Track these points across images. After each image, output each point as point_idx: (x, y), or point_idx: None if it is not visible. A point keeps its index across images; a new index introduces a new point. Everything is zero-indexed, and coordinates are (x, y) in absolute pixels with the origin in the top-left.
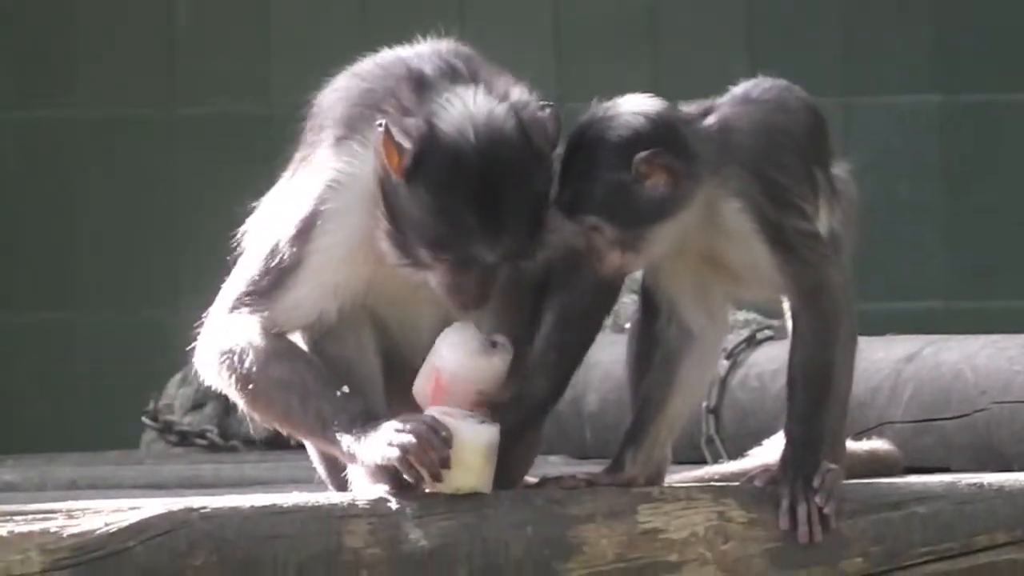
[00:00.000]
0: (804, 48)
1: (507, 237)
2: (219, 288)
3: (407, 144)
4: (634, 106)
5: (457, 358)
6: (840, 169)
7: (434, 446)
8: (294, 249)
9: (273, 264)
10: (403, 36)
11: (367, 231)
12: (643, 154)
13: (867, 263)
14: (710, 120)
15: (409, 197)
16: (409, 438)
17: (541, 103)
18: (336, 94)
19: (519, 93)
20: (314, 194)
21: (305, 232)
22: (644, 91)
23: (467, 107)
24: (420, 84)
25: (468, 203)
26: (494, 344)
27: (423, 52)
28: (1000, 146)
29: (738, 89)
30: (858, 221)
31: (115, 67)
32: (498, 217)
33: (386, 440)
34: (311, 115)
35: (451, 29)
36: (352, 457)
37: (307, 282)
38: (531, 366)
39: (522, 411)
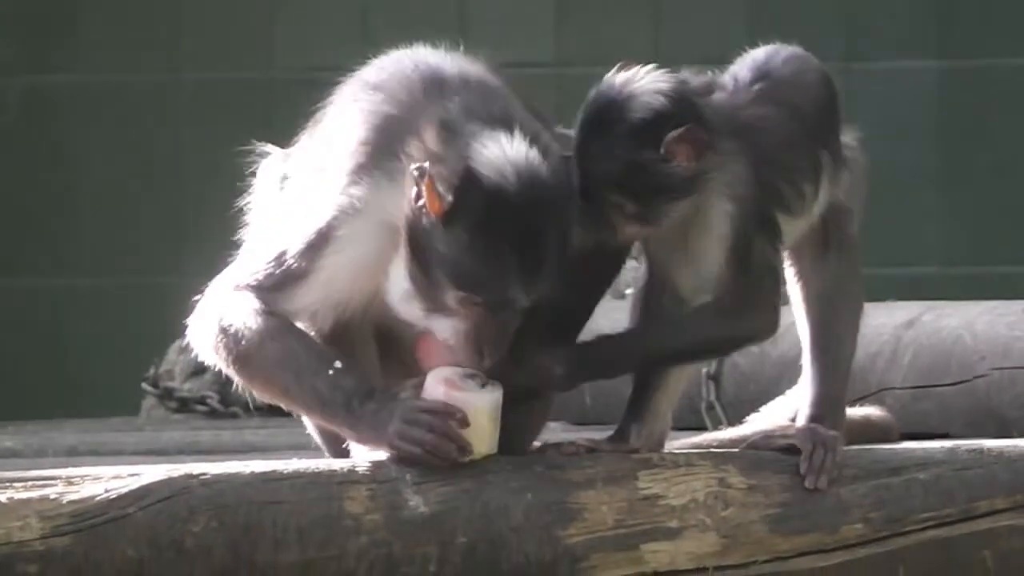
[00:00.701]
0: (804, 12)
1: (541, 280)
2: (220, 254)
3: (447, 191)
4: (653, 83)
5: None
6: (848, 137)
7: (452, 436)
8: (302, 262)
9: (280, 269)
10: (404, 2)
11: (376, 256)
12: (676, 133)
13: (866, 228)
14: (729, 97)
15: (445, 239)
16: (424, 434)
17: (550, 146)
18: (357, 108)
19: (545, 131)
20: (329, 215)
21: (316, 248)
22: (644, 54)
23: (503, 150)
24: (446, 127)
25: (509, 246)
26: (484, 384)
27: (449, 80)
28: (999, 111)
29: (758, 57)
30: (866, 189)
31: (119, 33)
32: (536, 260)
33: (398, 433)
34: (329, 115)
35: None
36: (355, 438)
37: (310, 295)
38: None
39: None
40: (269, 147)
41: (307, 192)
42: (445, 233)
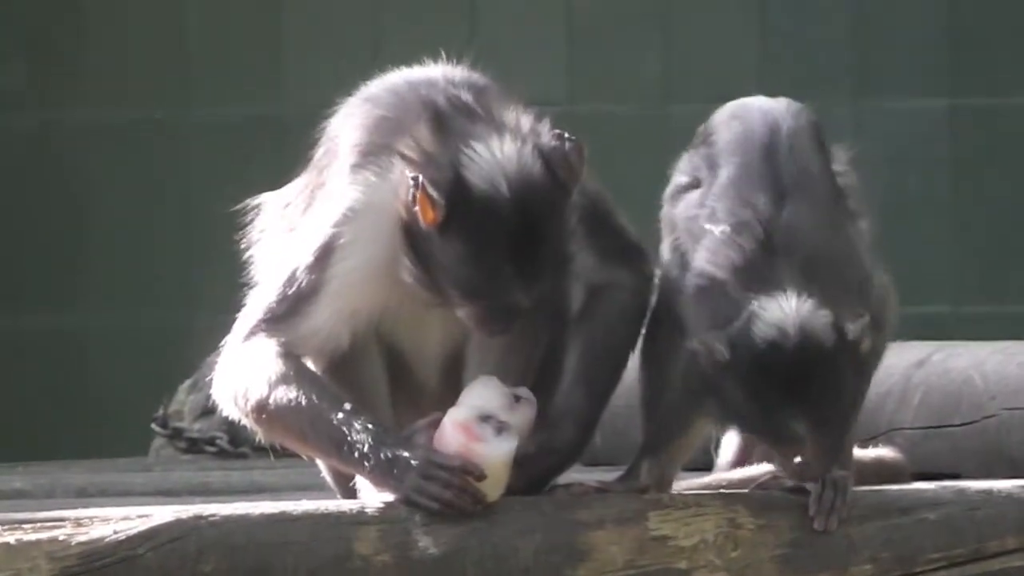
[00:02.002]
0: (814, 49)
1: (540, 282)
2: (231, 295)
3: (439, 198)
4: (809, 313)
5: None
6: (839, 163)
7: (469, 492)
8: (312, 276)
9: (291, 292)
10: (414, 40)
11: (383, 259)
12: (862, 345)
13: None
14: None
15: (440, 247)
16: (442, 491)
17: (559, 133)
18: (350, 120)
19: (535, 125)
20: (331, 222)
21: (323, 260)
22: (655, 91)
23: (494, 156)
24: (437, 122)
25: (503, 255)
26: (518, 399)
27: (435, 81)
28: (1009, 151)
29: (757, 153)
30: (868, 205)
31: (127, 70)
32: (533, 265)
33: (415, 488)
34: (323, 140)
35: (461, 30)
36: (370, 482)
37: (325, 309)
38: (556, 414)
39: (547, 463)
40: (268, 194)
41: (308, 210)
42: (441, 241)
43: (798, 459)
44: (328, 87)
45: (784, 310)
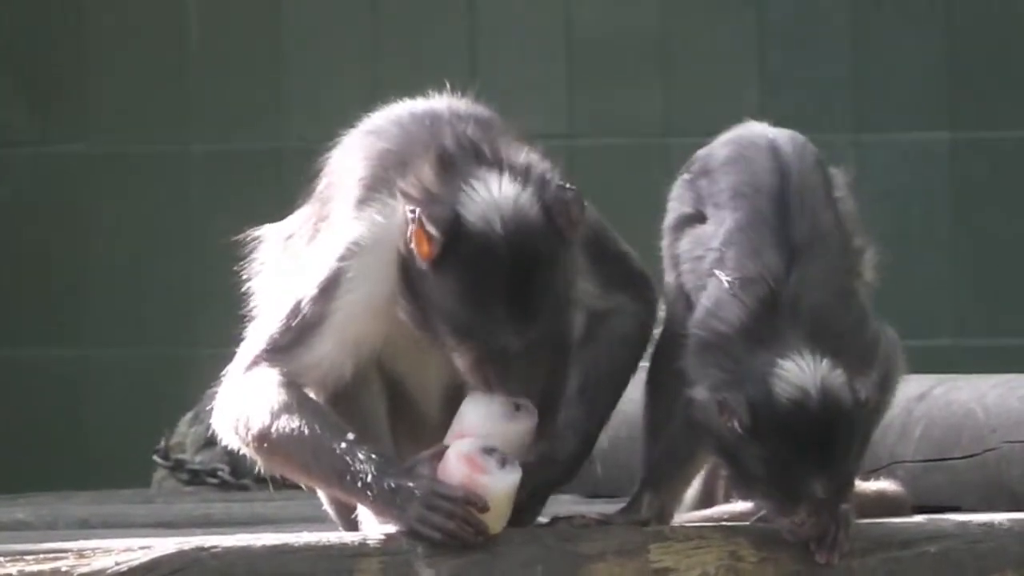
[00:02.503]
0: (814, 83)
1: (534, 326)
2: (232, 327)
3: (436, 234)
4: (830, 376)
5: (481, 423)
6: (839, 189)
7: (471, 523)
8: (316, 308)
9: (294, 323)
10: (415, 75)
11: (386, 293)
12: (871, 398)
13: (876, 301)
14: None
15: (435, 284)
16: (445, 521)
17: (561, 185)
18: (353, 153)
19: (538, 166)
20: (335, 256)
21: (327, 292)
22: (655, 125)
23: (492, 196)
24: (442, 161)
25: (496, 295)
26: (518, 408)
27: (440, 114)
28: (1010, 184)
29: (766, 198)
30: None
31: (129, 103)
32: (525, 308)
33: (418, 517)
34: (326, 172)
35: (462, 64)
36: (373, 513)
37: (328, 340)
38: (557, 428)
39: (548, 474)
40: (269, 226)
41: (312, 243)
42: (436, 279)
43: (798, 519)
44: (329, 120)
45: (804, 370)
